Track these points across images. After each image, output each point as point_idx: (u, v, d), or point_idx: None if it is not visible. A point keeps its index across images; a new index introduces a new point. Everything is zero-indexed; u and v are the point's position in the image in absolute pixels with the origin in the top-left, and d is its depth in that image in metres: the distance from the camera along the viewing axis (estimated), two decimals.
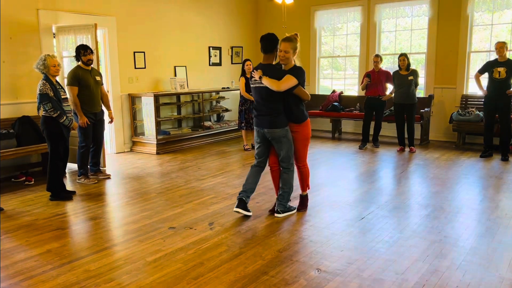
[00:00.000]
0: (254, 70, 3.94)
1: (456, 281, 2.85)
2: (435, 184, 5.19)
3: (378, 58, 7.27)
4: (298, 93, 3.92)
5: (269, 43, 3.95)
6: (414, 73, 6.95)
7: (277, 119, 3.89)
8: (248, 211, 4.11)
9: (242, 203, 4.09)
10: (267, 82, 3.80)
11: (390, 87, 7.36)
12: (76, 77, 5.19)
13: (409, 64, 6.93)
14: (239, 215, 4.17)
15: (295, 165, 4.16)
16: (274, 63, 4.04)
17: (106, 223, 4.14)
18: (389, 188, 5.22)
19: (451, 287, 2.78)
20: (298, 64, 3.95)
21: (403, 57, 6.90)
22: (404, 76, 6.93)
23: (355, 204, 4.51)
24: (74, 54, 5.32)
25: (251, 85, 4.02)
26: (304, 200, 4.32)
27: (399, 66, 6.99)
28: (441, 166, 6.11)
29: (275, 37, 3.94)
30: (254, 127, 4.08)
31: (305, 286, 2.82)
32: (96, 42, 5.84)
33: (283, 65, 3.91)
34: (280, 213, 4.10)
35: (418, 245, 3.44)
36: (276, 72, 3.86)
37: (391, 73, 7.22)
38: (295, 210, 4.21)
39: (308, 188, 4.31)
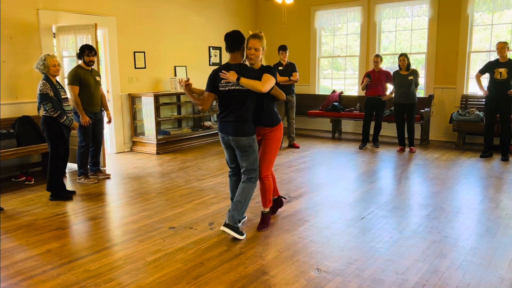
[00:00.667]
0: (224, 71, 3.50)
1: (456, 281, 2.85)
2: (435, 184, 5.19)
3: (378, 58, 7.27)
4: (275, 93, 3.65)
5: (236, 40, 3.56)
6: (414, 73, 6.95)
7: (244, 126, 3.53)
8: (226, 226, 3.60)
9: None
10: (247, 83, 3.42)
11: (390, 87, 7.37)
12: (77, 77, 5.19)
13: (409, 64, 6.93)
14: None
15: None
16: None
17: (106, 223, 4.14)
18: (389, 188, 5.22)
19: (451, 287, 2.78)
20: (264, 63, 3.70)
21: (403, 57, 6.90)
22: (404, 76, 6.93)
23: (355, 204, 4.51)
24: (78, 51, 5.34)
25: (220, 88, 3.57)
26: (265, 217, 3.86)
27: (399, 66, 6.99)
28: (441, 166, 6.11)
29: (241, 34, 3.57)
30: (218, 132, 3.70)
31: (305, 286, 2.82)
32: (96, 42, 5.84)
33: (250, 65, 3.61)
34: (227, 228, 3.52)
35: (418, 245, 3.44)
36: (252, 72, 3.52)
37: (391, 73, 7.23)
38: (244, 237, 3.60)
39: (270, 204, 3.86)
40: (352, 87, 9.32)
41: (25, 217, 4.25)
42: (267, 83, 3.46)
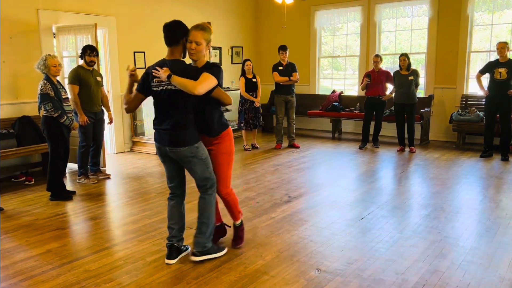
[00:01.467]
0: (157, 68, 2.97)
1: (456, 281, 2.85)
2: (435, 184, 5.19)
3: (378, 58, 7.28)
4: (218, 97, 3.08)
5: (174, 31, 3.02)
6: (415, 73, 6.95)
7: (183, 134, 2.98)
8: (195, 254, 3.15)
9: (175, 251, 3.19)
10: (179, 82, 2.87)
11: (390, 87, 7.37)
12: (77, 76, 5.20)
13: (409, 64, 6.93)
14: None
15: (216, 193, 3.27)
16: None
17: (106, 223, 4.14)
18: (389, 188, 5.22)
19: (451, 287, 2.78)
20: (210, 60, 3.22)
21: (404, 57, 6.91)
22: (405, 76, 6.93)
23: (355, 204, 4.51)
24: (80, 51, 5.36)
25: (153, 88, 3.03)
26: (238, 230, 3.47)
27: (399, 66, 6.99)
28: (441, 166, 6.11)
29: (183, 25, 3.03)
30: (155, 143, 3.15)
31: (305, 286, 2.82)
32: (96, 42, 5.84)
33: (192, 62, 3.08)
34: (197, 256, 3.13)
35: (418, 245, 3.44)
36: (188, 70, 2.99)
37: (391, 73, 7.23)
38: (224, 251, 3.27)
39: (241, 215, 3.48)
40: (352, 87, 9.32)
41: (25, 217, 4.25)
42: (203, 84, 2.89)
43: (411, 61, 6.99)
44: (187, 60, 3.06)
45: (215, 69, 3.01)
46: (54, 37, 6.27)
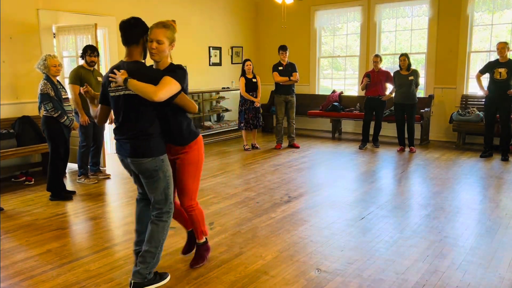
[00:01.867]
0: (114, 71, 2.66)
1: (456, 281, 2.85)
2: (435, 184, 5.19)
3: (377, 58, 7.28)
4: (182, 103, 2.75)
5: (132, 29, 2.69)
6: (415, 73, 6.95)
7: (146, 143, 2.67)
8: (133, 286, 2.77)
9: None
10: (136, 87, 2.55)
11: (390, 87, 7.37)
12: (78, 76, 5.20)
13: (409, 64, 6.93)
14: (239, 215, 4.17)
15: (179, 209, 3.04)
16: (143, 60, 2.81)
17: (106, 223, 4.14)
18: (389, 188, 5.22)
19: (451, 287, 2.78)
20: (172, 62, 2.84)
21: (404, 57, 6.91)
22: (405, 76, 6.93)
23: (355, 204, 4.51)
24: (80, 51, 5.36)
25: (110, 94, 2.72)
26: (201, 250, 3.16)
27: (399, 66, 6.99)
28: (441, 166, 6.11)
29: (142, 22, 2.73)
30: (116, 153, 2.86)
31: (305, 286, 2.82)
32: (96, 42, 5.84)
33: (154, 63, 2.77)
34: (136, 287, 2.76)
35: (418, 245, 3.44)
36: (149, 73, 2.68)
37: (391, 73, 7.23)
38: (167, 279, 2.92)
39: (205, 234, 3.17)
40: (352, 87, 9.32)
41: (25, 217, 4.25)
42: (164, 89, 2.56)
43: (411, 61, 7.00)
44: (149, 62, 2.79)
45: (179, 73, 2.69)
46: (54, 37, 6.27)
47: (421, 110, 7.53)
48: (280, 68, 7.34)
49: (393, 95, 7.18)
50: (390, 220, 4.01)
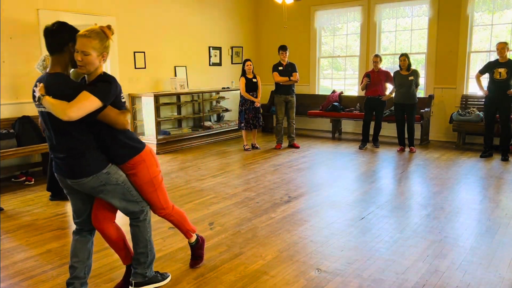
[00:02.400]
0: (36, 83, 2.41)
1: (456, 281, 2.85)
2: (435, 184, 5.19)
3: (377, 58, 7.28)
4: (106, 120, 2.42)
5: (53, 37, 2.39)
6: (415, 73, 6.96)
7: (83, 161, 2.41)
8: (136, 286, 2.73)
9: None
10: (49, 105, 2.28)
11: (390, 87, 7.37)
12: (79, 76, 5.19)
13: (409, 64, 6.94)
14: (239, 215, 4.17)
15: (151, 212, 2.79)
16: (71, 71, 2.53)
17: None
18: (389, 188, 5.22)
19: (451, 287, 2.78)
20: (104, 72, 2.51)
21: (404, 57, 6.91)
22: (405, 76, 6.94)
23: (355, 204, 4.51)
24: None
25: (36, 108, 2.47)
26: (195, 249, 3.11)
27: (399, 66, 6.99)
28: (441, 166, 6.11)
29: (67, 28, 2.41)
30: (55, 173, 2.56)
31: (305, 286, 2.82)
32: None
33: (86, 76, 2.49)
34: (137, 287, 2.73)
35: (418, 245, 3.44)
36: (65, 87, 2.36)
37: (391, 73, 7.23)
38: (168, 279, 2.89)
39: (194, 231, 3.08)
40: (352, 87, 9.32)
41: (25, 217, 4.26)
42: (76, 107, 2.25)
43: (411, 61, 7.00)
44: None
45: (100, 86, 2.36)
46: None
47: (421, 110, 7.53)
48: (280, 68, 7.34)
49: (393, 95, 7.18)
50: (390, 220, 4.01)
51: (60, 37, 2.38)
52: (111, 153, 2.52)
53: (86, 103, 2.28)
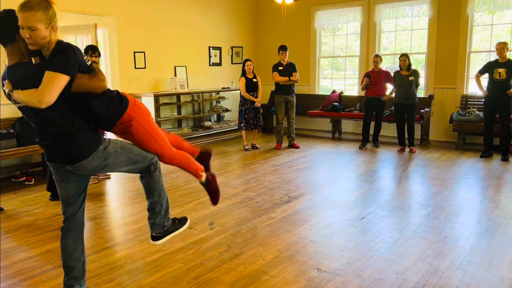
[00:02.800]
0: (3, 82, 2.30)
1: (456, 281, 2.85)
2: (435, 184, 5.19)
3: (377, 58, 7.29)
4: (83, 89, 2.26)
5: (4, 24, 2.22)
6: (415, 73, 6.96)
7: (77, 145, 2.31)
8: (156, 238, 2.72)
9: None
10: (20, 99, 2.17)
11: (390, 87, 7.38)
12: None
13: (409, 65, 6.94)
14: (239, 215, 4.17)
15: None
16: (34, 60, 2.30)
17: (106, 223, 4.13)
18: (389, 188, 5.22)
19: (451, 287, 2.78)
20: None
21: (404, 57, 6.91)
22: (405, 76, 6.94)
23: (355, 204, 4.51)
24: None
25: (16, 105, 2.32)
26: (209, 185, 3.02)
27: (400, 66, 7.00)
28: (441, 166, 6.11)
29: (14, 15, 2.18)
30: (49, 163, 2.50)
31: (305, 286, 2.82)
32: (96, 42, 5.85)
33: (42, 52, 2.29)
34: (159, 239, 2.71)
35: (418, 245, 3.44)
36: (28, 74, 2.21)
37: (391, 73, 7.24)
38: (187, 223, 2.88)
39: (202, 170, 2.94)
40: (352, 87, 9.32)
41: (25, 217, 4.25)
42: (47, 90, 2.10)
43: (411, 61, 7.00)
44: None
45: (59, 59, 2.17)
46: None
47: (421, 110, 7.53)
48: (280, 68, 7.34)
49: (393, 95, 7.18)
50: (390, 220, 4.01)
51: (8, 24, 2.19)
52: (99, 122, 2.42)
53: (55, 82, 2.11)
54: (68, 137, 2.29)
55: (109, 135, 2.66)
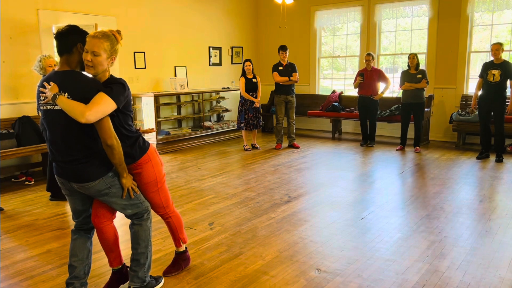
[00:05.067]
0: (44, 83, 2.39)
1: (456, 281, 2.85)
2: (435, 184, 5.19)
3: (370, 57, 7.41)
4: (99, 128, 2.34)
5: (63, 38, 2.43)
6: (423, 72, 6.96)
7: (90, 166, 2.40)
8: None
9: None
10: (65, 106, 2.28)
11: (382, 86, 7.45)
12: None
13: (418, 64, 6.96)
14: (239, 215, 4.17)
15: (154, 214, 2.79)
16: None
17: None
18: (389, 188, 5.22)
19: (451, 287, 2.78)
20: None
21: (413, 55, 6.94)
22: (413, 75, 6.95)
23: (355, 204, 4.51)
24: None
25: (41, 108, 2.44)
26: (178, 258, 3.04)
27: (408, 65, 7.03)
28: (441, 166, 6.11)
29: (77, 30, 2.46)
30: (56, 176, 2.53)
31: (305, 286, 2.82)
32: None
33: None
34: None
35: (418, 245, 3.44)
36: (82, 85, 2.36)
37: (382, 71, 7.36)
38: (162, 282, 2.85)
39: (185, 241, 3.03)
40: (352, 87, 9.29)
41: (25, 217, 4.25)
42: (94, 109, 2.25)
43: (419, 61, 7.03)
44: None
45: (116, 88, 2.37)
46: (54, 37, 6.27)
47: None
48: (280, 68, 7.34)
49: (401, 95, 7.19)
50: (390, 220, 4.00)
51: (69, 38, 2.42)
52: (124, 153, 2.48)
53: (104, 106, 2.29)
54: (84, 157, 2.39)
55: None
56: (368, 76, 7.35)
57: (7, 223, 4.11)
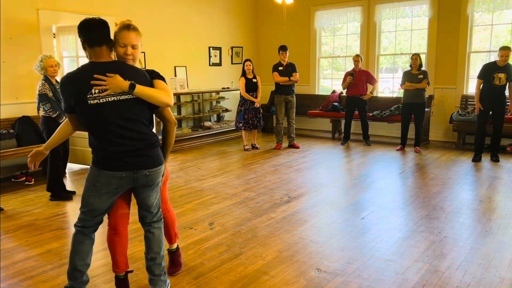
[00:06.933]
0: (98, 76, 2.29)
1: (456, 281, 2.85)
2: (435, 184, 5.19)
3: (358, 57, 7.61)
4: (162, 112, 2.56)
5: (105, 29, 2.37)
6: (425, 73, 6.96)
7: (157, 150, 2.49)
8: None
9: None
10: (149, 93, 2.35)
11: (370, 87, 7.62)
12: None
13: (420, 65, 6.97)
14: (239, 215, 4.17)
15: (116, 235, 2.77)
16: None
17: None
18: (389, 188, 5.22)
19: (451, 287, 2.78)
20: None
21: (416, 56, 6.94)
22: (415, 75, 6.95)
23: (355, 204, 4.51)
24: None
25: (89, 101, 2.28)
26: (174, 256, 3.07)
27: (410, 65, 7.03)
28: (441, 166, 6.11)
29: (105, 24, 2.39)
30: (112, 173, 2.39)
31: (305, 286, 2.82)
32: None
33: None
34: None
35: (418, 245, 3.44)
36: (143, 75, 2.43)
37: (370, 72, 7.62)
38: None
39: (177, 237, 3.06)
40: None
41: (25, 217, 4.26)
42: (170, 94, 2.45)
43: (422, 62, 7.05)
44: None
45: (161, 76, 2.52)
46: (54, 37, 6.27)
47: None
48: (280, 68, 7.34)
49: (402, 95, 7.22)
50: (390, 220, 4.00)
51: (101, 31, 2.35)
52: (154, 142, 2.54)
53: (170, 91, 2.47)
54: (153, 142, 2.46)
55: None
56: (357, 76, 7.52)
57: (7, 223, 4.11)
